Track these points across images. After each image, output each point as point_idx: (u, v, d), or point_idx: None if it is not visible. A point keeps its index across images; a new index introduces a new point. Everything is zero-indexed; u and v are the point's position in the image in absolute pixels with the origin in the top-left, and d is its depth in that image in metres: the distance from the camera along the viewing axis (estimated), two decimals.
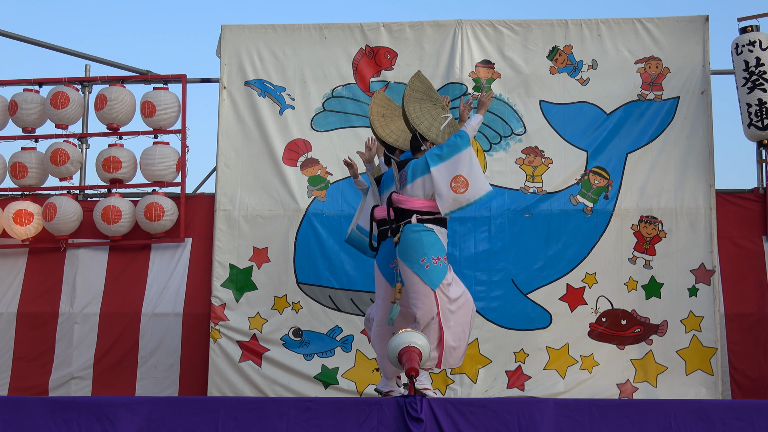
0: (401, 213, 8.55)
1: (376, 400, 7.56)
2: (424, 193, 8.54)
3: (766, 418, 7.45)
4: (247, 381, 10.80)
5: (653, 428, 7.42)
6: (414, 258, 8.40)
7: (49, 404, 7.58)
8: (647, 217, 10.92)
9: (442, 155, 8.50)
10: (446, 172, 8.46)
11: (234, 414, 7.45)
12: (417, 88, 8.90)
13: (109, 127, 11.52)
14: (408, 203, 8.53)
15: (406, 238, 8.46)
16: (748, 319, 10.80)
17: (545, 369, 10.71)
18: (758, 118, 10.70)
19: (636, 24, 11.19)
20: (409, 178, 8.58)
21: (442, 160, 8.48)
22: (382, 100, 9.32)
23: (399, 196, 8.57)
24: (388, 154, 9.08)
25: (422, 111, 8.77)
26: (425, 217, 8.48)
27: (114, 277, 11.28)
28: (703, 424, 7.44)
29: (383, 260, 8.76)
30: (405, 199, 8.55)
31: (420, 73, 9.11)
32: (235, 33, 11.45)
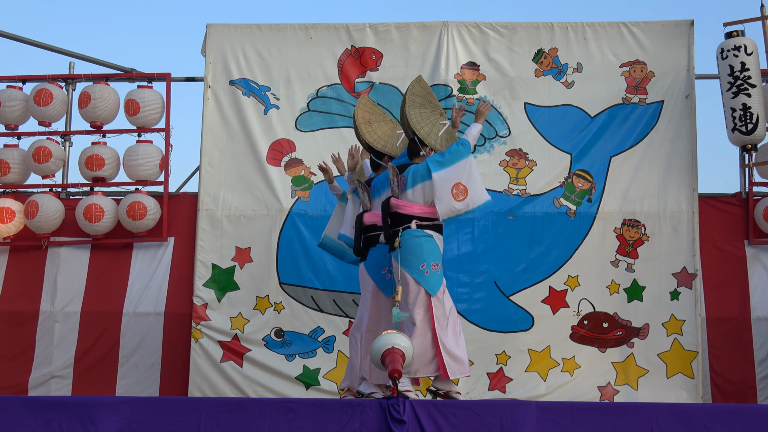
0: (399, 218, 8.52)
1: (358, 401, 7.56)
2: (424, 199, 8.54)
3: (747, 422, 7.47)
4: (228, 381, 10.78)
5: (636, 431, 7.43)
6: (414, 264, 8.42)
7: (30, 404, 7.54)
8: (630, 220, 10.95)
9: (444, 162, 8.51)
10: (447, 178, 8.47)
11: (216, 414, 7.43)
12: (418, 93, 8.88)
13: (93, 125, 11.48)
14: (407, 208, 8.51)
15: (406, 244, 8.45)
16: (730, 323, 10.85)
17: (527, 371, 10.73)
18: (742, 123, 10.73)
19: (621, 28, 11.22)
20: (409, 184, 8.56)
21: (444, 167, 8.49)
22: (366, 104, 9.28)
23: (398, 201, 8.54)
24: (376, 160, 9.04)
25: (422, 116, 8.76)
26: (424, 223, 8.49)
27: (95, 275, 11.24)
28: (685, 428, 7.45)
29: (373, 266, 8.74)
30: (404, 204, 8.52)
31: (421, 78, 9.10)
32: (221, 32, 11.43)
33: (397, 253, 8.46)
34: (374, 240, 8.74)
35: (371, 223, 8.76)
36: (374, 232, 8.74)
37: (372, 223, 8.75)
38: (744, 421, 7.49)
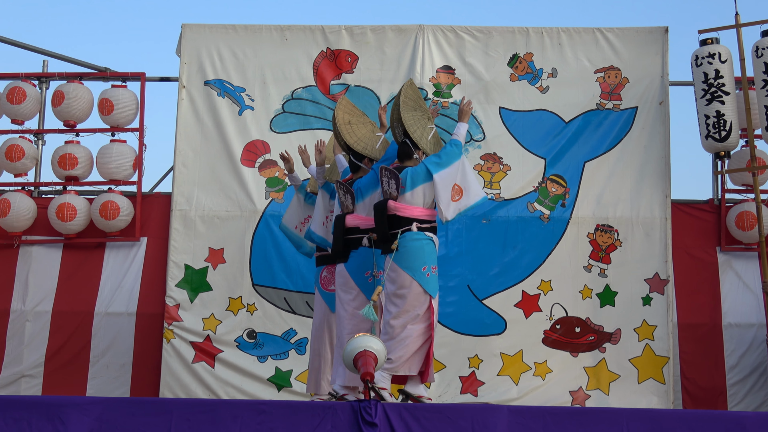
0: (398, 220, 8.44)
1: (330, 404, 7.54)
2: (424, 201, 8.50)
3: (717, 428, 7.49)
4: (199, 382, 10.75)
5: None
6: (415, 266, 8.37)
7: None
8: (603, 225, 10.98)
9: (441, 163, 8.49)
10: (447, 179, 8.46)
11: (187, 416, 7.39)
12: (410, 96, 8.85)
13: (66, 123, 11.44)
14: (407, 211, 8.45)
15: (407, 246, 8.40)
16: (701, 329, 10.91)
17: (499, 375, 10.74)
18: (716, 130, 10.78)
19: (596, 33, 11.25)
20: (408, 186, 8.48)
21: (443, 168, 8.47)
22: (347, 106, 9.25)
23: (397, 204, 8.45)
24: (356, 162, 9.00)
25: (414, 119, 8.72)
26: (424, 226, 8.46)
27: (67, 275, 11.19)
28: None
29: (355, 269, 8.72)
30: (403, 206, 8.45)
31: (412, 82, 9.06)
32: (196, 32, 11.40)
33: (393, 255, 8.40)
34: (356, 243, 8.72)
35: (354, 226, 8.74)
36: (356, 235, 8.72)
37: (355, 225, 8.74)
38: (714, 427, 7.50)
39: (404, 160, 8.70)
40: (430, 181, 8.45)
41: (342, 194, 8.85)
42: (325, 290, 9.29)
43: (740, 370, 10.84)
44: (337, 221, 8.82)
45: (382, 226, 8.47)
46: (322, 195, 9.23)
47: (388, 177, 8.48)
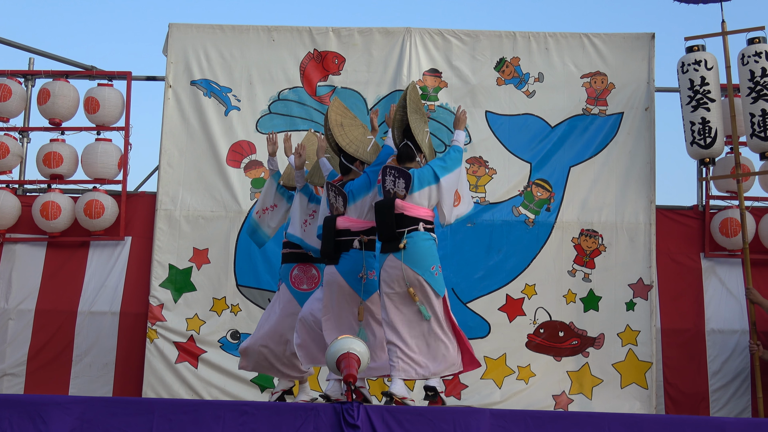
0: (404, 220, 8.45)
1: (312, 405, 7.55)
2: (429, 202, 8.54)
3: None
4: (182, 382, 10.73)
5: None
6: (425, 266, 8.38)
7: None
8: (588, 230, 11.00)
9: (447, 167, 8.58)
10: (452, 183, 8.57)
11: (169, 416, 7.39)
12: (413, 99, 8.83)
13: (52, 121, 11.40)
14: (414, 210, 8.46)
15: (416, 246, 8.42)
16: (684, 335, 10.93)
17: (482, 378, 10.75)
18: (701, 137, 10.80)
19: (583, 39, 11.28)
20: (415, 186, 8.49)
21: (448, 172, 8.56)
22: (339, 107, 9.24)
23: (404, 203, 8.45)
24: (347, 164, 8.97)
25: (417, 122, 8.73)
26: (428, 227, 8.51)
27: (51, 273, 11.16)
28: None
29: (348, 271, 8.69)
30: (411, 206, 8.46)
31: (415, 85, 9.07)
32: (183, 32, 11.38)
33: (401, 254, 8.38)
34: (347, 245, 8.72)
35: (345, 228, 8.73)
36: (347, 237, 8.72)
37: (346, 227, 8.73)
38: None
39: (405, 162, 8.70)
40: (435, 184, 8.51)
41: (332, 196, 8.81)
42: (296, 289, 9.30)
43: (723, 376, 10.86)
44: (327, 223, 8.78)
45: (388, 223, 8.45)
46: (300, 198, 9.23)
47: (396, 176, 8.46)
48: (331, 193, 8.82)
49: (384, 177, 8.52)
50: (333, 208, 8.81)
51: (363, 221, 8.74)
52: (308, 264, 9.41)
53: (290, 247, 9.40)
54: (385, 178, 8.51)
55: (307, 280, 9.35)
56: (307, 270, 9.40)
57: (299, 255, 9.35)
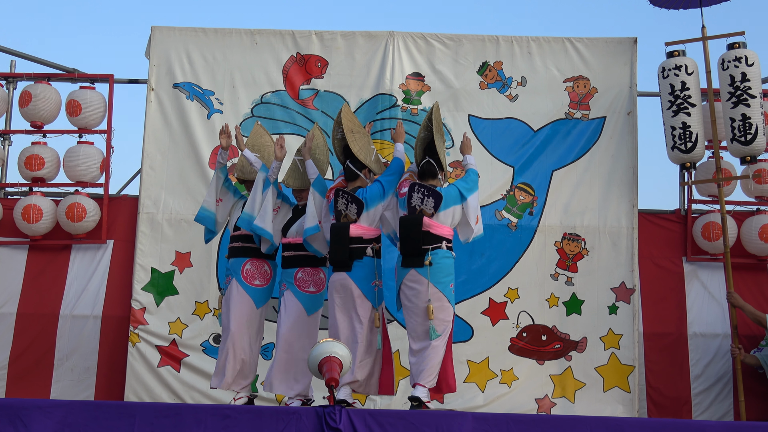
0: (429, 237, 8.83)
1: (294, 409, 7.55)
2: (452, 221, 8.97)
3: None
4: (165, 386, 10.70)
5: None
6: (445, 282, 8.84)
7: None
8: (570, 234, 11.02)
9: (470, 188, 9.11)
10: (474, 204, 9.09)
11: (150, 420, 7.39)
12: (437, 119, 9.21)
13: (33, 124, 11.36)
14: (439, 229, 8.87)
15: (440, 263, 8.81)
16: (666, 339, 10.96)
17: (465, 382, 10.75)
18: (682, 141, 10.83)
19: (566, 43, 11.30)
20: (442, 206, 8.85)
21: (471, 193, 9.06)
22: (349, 114, 9.44)
23: (431, 221, 8.84)
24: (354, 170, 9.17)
25: (440, 142, 9.12)
26: (449, 245, 8.92)
27: (32, 276, 11.11)
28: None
29: (362, 278, 8.92)
30: (436, 224, 8.86)
31: (438, 107, 9.36)
32: (165, 34, 11.35)
33: (426, 271, 8.73)
34: (360, 252, 8.93)
35: (357, 236, 8.93)
36: (360, 245, 8.93)
37: (358, 235, 8.94)
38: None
39: (427, 179, 9.06)
40: (460, 204, 8.98)
41: (343, 203, 8.99)
42: (248, 284, 9.37)
43: (705, 379, 10.90)
44: (339, 230, 8.94)
45: (415, 239, 8.80)
46: (272, 191, 9.33)
47: (426, 194, 8.87)
48: (342, 200, 8.99)
49: (411, 193, 8.88)
50: (341, 215, 8.98)
51: (374, 229, 9.05)
52: (261, 259, 9.48)
53: (242, 240, 9.46)
54: (412, 194, 8.88)
55: (260, 275, 9.41)
56: (260, 265, 9.47)
57: (251, 249, 9.42)
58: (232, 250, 9.52)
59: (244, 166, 9.71)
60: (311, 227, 9.15)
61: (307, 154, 9.37)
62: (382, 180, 9.12)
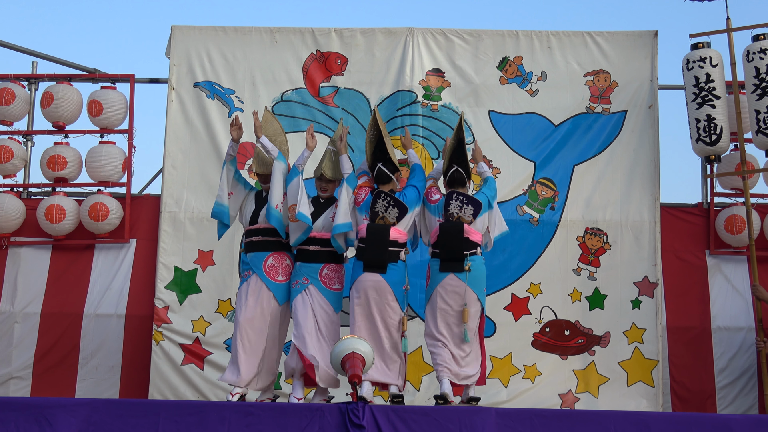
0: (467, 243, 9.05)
1: (318, 405, 7.56)
2: (483, 228, 9.21)
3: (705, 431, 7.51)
4: (189, 384, 10.73)
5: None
6: (481, 287, 9.07)
7: None
8: (592, 228, 10.99)
9: (494, 196, 9.45)
10: (498, 211, 9.43)
11: (174, 418, 7.41)
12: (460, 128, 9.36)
13: (55, 125, 11.41)
14: (474, 236, 9.09)
15: (478, 269, 9.06)
16: (690, 333, 10.91)
17: (488, 377, 10.68)
18: (706, 134, 10.79)
19: (586, 37, 11.27)
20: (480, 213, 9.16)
21: (495, 200, 9.42)
22: (381, 119, 9.49)
23: (469, 228, 9.08)
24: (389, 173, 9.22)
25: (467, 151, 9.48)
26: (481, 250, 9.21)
27: (56, 276, 11.16)
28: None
29: (396, 282, 8.99)
30: (473, 231, 9.10)
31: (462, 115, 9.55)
32: (186, 34, 11.38)
33: (465, 276, 8.93)
34: (395, 256, 9.02)
35: (394, 239, 9.03)
36: (396, 248, 9.04)
37: (395, 239, 9.03)
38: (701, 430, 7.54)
39: (457, 186, 9.26)
40: (488, 211, 9.25)
41: (384, 205, 9.04)
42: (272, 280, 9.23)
43: (729, 373, 10.85)
44: (379, 231, 8.99)
45: (457, 246, 9.00)
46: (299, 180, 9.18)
47: (465, 202, 9.11)
48: (383, 202, 9.04)
49: (449, 200, 9.09)
50: (378, 216, 9.01)
51: (406, 234, 9.16)
52: (283, 253, 9.33)
53: (262, 234, 9.30)
54: (450, 201, 9.09)
55: (282, 270, 9.26)
56: (282, 260, 9.31)
57: (273, 243, 9.29)
58: (251, 245, 9.34)
59: (262, 157, 9.52)
60: (344, 224, 9.08)
61: (343, 148, 9.36)
62: (418, 186, 9.25)
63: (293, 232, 9.17)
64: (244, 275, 9.40)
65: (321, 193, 9.41)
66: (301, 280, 9.19)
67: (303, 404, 7.98)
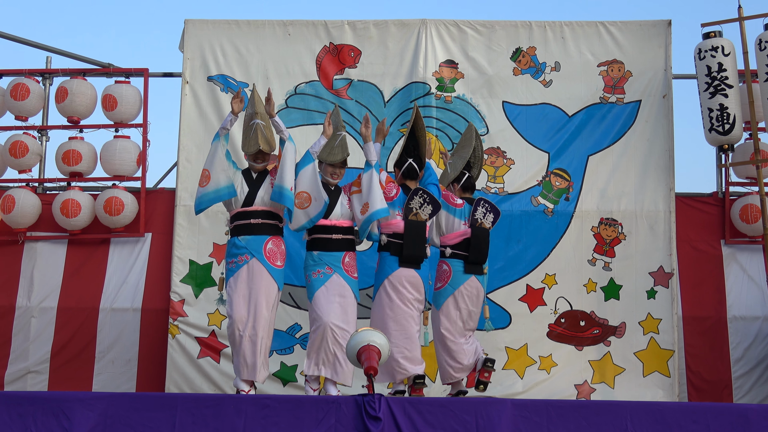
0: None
1: (334, 398, 7.56)
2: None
3: (721, 421, 7.51)
4: (205, 377, 10.76)
5: (610, 429, 7.46)
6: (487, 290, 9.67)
7: (4, 399, 7.50)
8: (607, 219, 10.98)
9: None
10: None
11: (191, 410, 7.41)
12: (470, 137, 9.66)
13: (70, 120, 11.44)
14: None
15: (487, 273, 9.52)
16: (706, 322, 10.90)
17: (504, 369, 10.75)
18: (719, 123, 10.77)
19: (599, 27, 11.25)
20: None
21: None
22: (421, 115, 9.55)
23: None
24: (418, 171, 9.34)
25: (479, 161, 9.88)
26: None
27: (72, 271, 11.20)
28: (659, 426, 7.48)
29: (425, 277, 9.17)
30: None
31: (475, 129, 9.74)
32: (199, 27, 11.40)
33: (484, 279, 9.37)
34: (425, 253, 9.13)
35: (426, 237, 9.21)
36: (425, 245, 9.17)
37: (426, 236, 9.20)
38: (717, 419, 7.52)
39: (467, 193, 9.55)
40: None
41: (419, 201, 9.04)
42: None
43: (745, 362, 10.84)
44: (418, 227, 9.04)
45: (484, 251, 9.35)
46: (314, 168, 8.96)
47: (488, 210, 9.36)
48: (420, 199, 9.05)
49: (476, 207, 9.30)
50: (412, 212, 9.04)
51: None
52: (279, 238, 9.01)
53: (261, 217, 8.88)
54: (477, 208, 9.29)
55: (280, 255, 8.94)
56: (279, 245, 8.99)
57: (272, 227, 8.95)
58: (249, 228, 8.83)
59: (267, 136, 9.08)
60: (384, 209, 8.92)
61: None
62: (437, 185, 9.32)
63: (297, 219, 8.89)
64: (237, 260, 8.84)
65: (331, 180, 9.10)
66: (324, 269, 8.88)
67: (319, 396, 7.98)
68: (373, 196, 8.90)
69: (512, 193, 11.01)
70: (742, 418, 7.52)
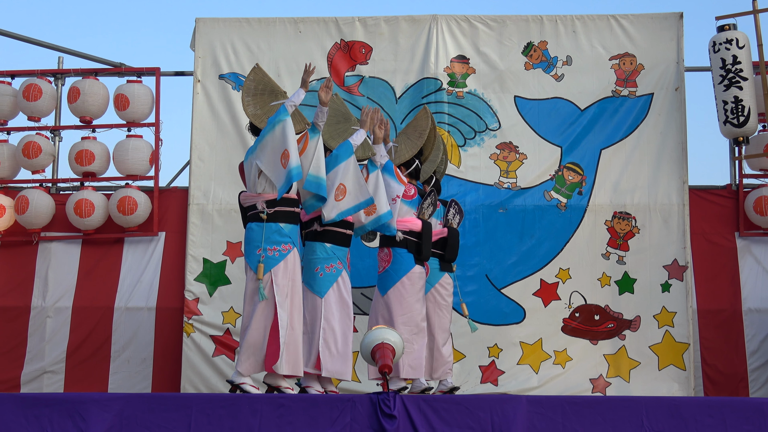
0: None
1: (349, 396, 7.55)
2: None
3: (737, 415, 7.48)
4: (220, 376, 10.77)
5: (625, 425, 7.44)
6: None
7: (20, 401, 7.52)
8: (621, 212, 10.96)
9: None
10: None
11: (207, 410, 7.41)
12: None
13: (82, 119, 11.45)
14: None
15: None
16: (721, 315, 10.87)
17: (519, 364, 10.75)
18: (734, 116, 10.74)
19: (611, 20, 11.22)
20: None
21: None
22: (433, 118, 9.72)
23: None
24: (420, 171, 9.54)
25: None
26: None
27: (87, 270, 11.22)
28: (675, 421, 7.46)
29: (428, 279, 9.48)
30: None
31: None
32: (210, 26, 11.41)
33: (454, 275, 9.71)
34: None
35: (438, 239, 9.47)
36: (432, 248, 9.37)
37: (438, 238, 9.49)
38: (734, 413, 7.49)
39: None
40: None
41: (429, 202, 9.26)
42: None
43: (761, 355, 10.82)
44: (430, 228, 9.25)
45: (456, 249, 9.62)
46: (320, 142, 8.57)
47: (457, 211, 9.69)
48: (430, 199, 9.26)
49: (449, 208, 9.58)
50: (420, 212, 9.24)
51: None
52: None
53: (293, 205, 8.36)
54: (450, 209, 9.56)
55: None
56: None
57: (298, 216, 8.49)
58: (292, 216, 8.34)
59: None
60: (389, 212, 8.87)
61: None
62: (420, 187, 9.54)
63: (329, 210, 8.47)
64: (282, 249, 8.25)
65: None
66: (336, 264, 8.57)
67: (334, 395, 7.98)
68: (380, 198, 8.84)
69: (525, 188, 11.00)
70: (760, 412, 7.49)
